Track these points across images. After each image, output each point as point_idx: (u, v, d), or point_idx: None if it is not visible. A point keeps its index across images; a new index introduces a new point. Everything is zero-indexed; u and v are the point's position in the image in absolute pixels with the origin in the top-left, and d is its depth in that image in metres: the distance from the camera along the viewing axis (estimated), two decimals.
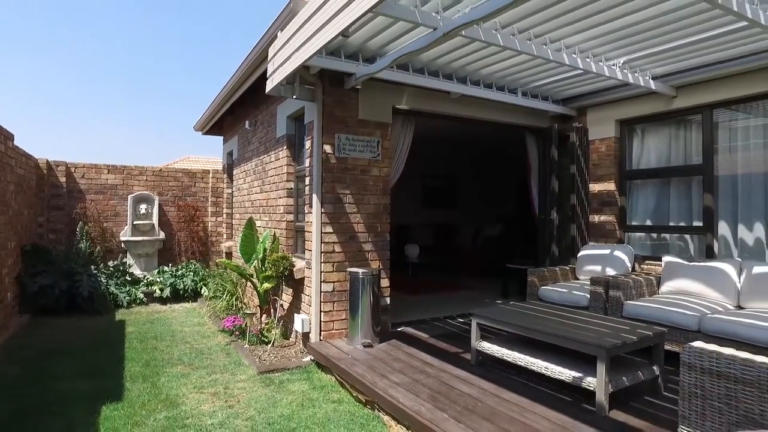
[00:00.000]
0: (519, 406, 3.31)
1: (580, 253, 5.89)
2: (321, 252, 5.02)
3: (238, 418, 3.72)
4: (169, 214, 9.63)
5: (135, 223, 9.08)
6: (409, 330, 5.46)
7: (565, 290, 5.20)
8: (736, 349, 3.83)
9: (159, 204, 9.38)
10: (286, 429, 3.51)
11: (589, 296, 4.90)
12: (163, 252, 9.44)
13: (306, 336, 5.18)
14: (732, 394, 2.13)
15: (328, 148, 5.02)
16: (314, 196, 5.04)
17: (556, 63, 4.50)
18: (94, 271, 8.00)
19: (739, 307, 4.34)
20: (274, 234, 6.30)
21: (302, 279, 5.42)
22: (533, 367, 3.61)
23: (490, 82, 5.73)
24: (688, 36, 4.24)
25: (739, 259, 4.65)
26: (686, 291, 4.69)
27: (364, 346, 4.78)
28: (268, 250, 6.00)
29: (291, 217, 6.08)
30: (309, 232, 5.17)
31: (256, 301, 6.15)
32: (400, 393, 3.55)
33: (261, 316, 6.21)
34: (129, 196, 9.11)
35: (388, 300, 5.39)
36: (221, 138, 10.39)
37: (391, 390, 3.61)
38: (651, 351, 3.60)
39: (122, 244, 9.04)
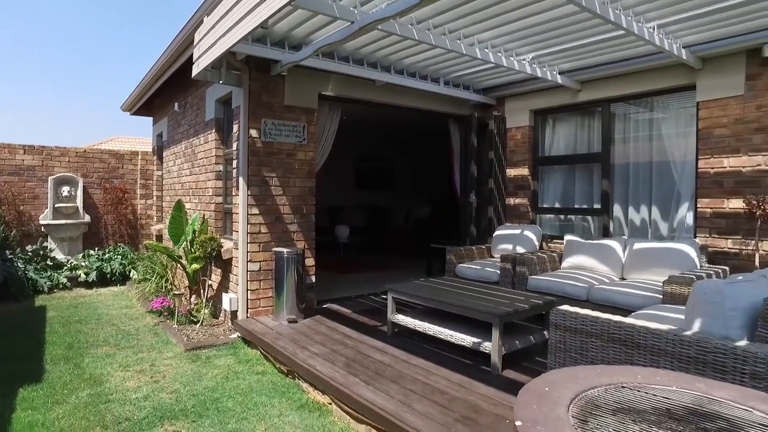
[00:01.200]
0: (425, 369, 3.67)
1: (495, 233, 6.36)
2: (247, 233, 5.17)
3: (163, 391, 3.87)
4: (95, 197, 9.36)
5: (57, 206, 8.76)
6: (334, 306, 5.75)
7: (478, 267, 5.65)
8: (613, 312, 4.42)
9: (83, 186, 9.09)
10: (210, 399, 3.71)
11: (499, 272, 5.36)
12: (89, 236, 9.18)
13: (234, 314, 5.35)
14: (584, 345, 2.55)
15: (254, 133, 5.16)
16: (240, 179, 5.17)
17: (470, 57, 4.84)
18: (10, 256, 7.72)
19: (623, 279, 4.92)
20: (203, 216, 6.37)
21: (230, 259, 5.56)
22: (440, 336, 3.99)
23: (413, 71, 6.03)
24: (586, 37, 4.69)
25: (625, 237, 5.25)
26: (582, 266, 5.24)
27: (289, 322, 5.01)
28: (196, 232, 6.08)
29: (220, 199, 6.16)
30: (236, 213, 5.31)
31: (186, 282, 6.22)
32: (318, 362, 3.83)
33: (190, 297, 6.29)
34: (49, 178, 8.77)
35: (313, 278, 5.64)
36: (151, 119, 10.15)
37: (310, 360, 3.88)
38: (544, 318, 4.06)
39: (42, 228, 8.72)
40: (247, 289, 5.22)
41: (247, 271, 5.20)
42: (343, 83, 5.77)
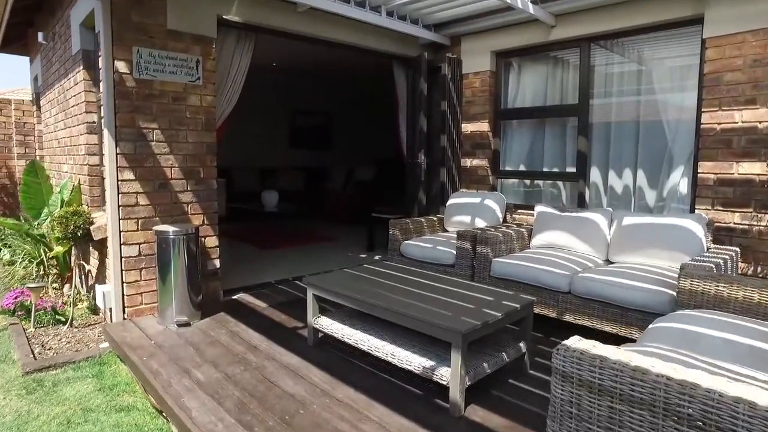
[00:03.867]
0: (353, 409, 2.53)
1: (449, 202, 5.24)
2: (119, 206, 3.78)
3: None
4: None
5: None
6: (246, 298, 4.49)
7: (429, 245, 4.52)
8: (603, 309, 3.44)
9: None
10: None
11: (455, 252, 4.26)
12: None
13: (112, 313, 4.00)
14: (619, 418, 1.46)
15: (122, 66, 3.69)
16: (106, 132, 3.73)
17: None
18: None
19: (608, 262, 3.93)
20: (78, 182, 4.86)
21: (105, 240, 4.15)
22: (377, 353, 2.84)
23: None
24: None
25: (610, 209, 4.23)
26: (557, 244, 4.21)
27: (179, 326, 3.74)
28: (64, 203, 4.60)
29: (95, 159, 4.65)
30: (104, 178, 3.89)
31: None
32: (198, 401, 2.60)
33: (63, 287, 4.86)
34: None
35: (217, 263, 4.34)
36: (28, 59, 8.21)
37: (187, 396, 2.65)
38: (518, 323, 2.99)
39: None
40: (122, 281, 3.87)
41: (121, 257, 3.83)
42: (254, 5, 4.34)
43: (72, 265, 4.92)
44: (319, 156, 11.38)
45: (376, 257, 6.23)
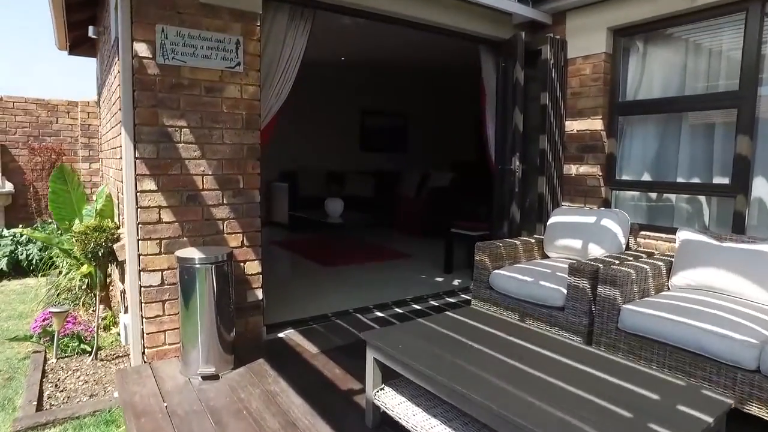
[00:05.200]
0: None
1: (552, 220, 4.11)
2: (137, 222, 3.04)
3: None
4: (20, 160, 7.32)
5: None
6: (295, 337, 3.62)
7: (529, 279, 3.44)
8: None
9: (0, 146, 7.05)
10: None
11: (565, 292, 3.17)
12: (13, 209, 7.21)
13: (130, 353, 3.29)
14: None
15: (143, 50, 2.94)
16: (123, 132, 3.00)
17: None
18: None
19: None
20: (117, 190, 4.26)
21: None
22: None
23: None
24: None
25: None
26: (715, 287, 2.99)
27: (204, 378, 2.93)
28: (97, 215, 4.00)
29: None
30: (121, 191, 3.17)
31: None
32: None
33: (99, 309, 4.26)
34: None
35: (259, 293, 3.51)
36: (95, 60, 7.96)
37: None
38: None
39: None
40: (142, 316, 3.13)
41: (140, 286, 3.09)
42: None
43: (108, 283, 4.32)
44: (391, 158, 10.49)
45: (456, 282, 5.20)
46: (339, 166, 9.64)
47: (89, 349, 3.77)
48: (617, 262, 3.18)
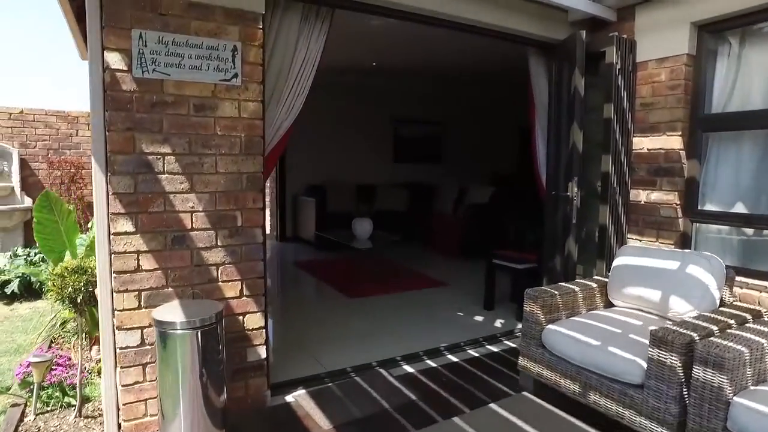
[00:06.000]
0: None
1: (618, 261, 3.36)
2: (111, 271, 2.50)
3: None
4: (39, 174, 7.05)
5: None
6: (304, 403, 2.99)
7: (594, 342, 2.72)
8: None
9: (20, 159, 6.79)
10: None
11: (645, 367, 2.44)
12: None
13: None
14: None
15: (115, 61, 2.39)
16: (93, 161, 2.47)
17: None
18: None
19: None
20: None
21: None
22: None
23: None
24: None
25: None
26: None
27: None
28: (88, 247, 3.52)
29: None
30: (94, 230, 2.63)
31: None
32: None
33: (81, 357, 3.78)
34: None
35: (262, 351, 2.91)
36: None
37: None
38: None
39: None
40: (117, 383, 2.58)
41: (115, 348, 2.55)
42: None
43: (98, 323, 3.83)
44: (426, 169, 9.82)
45: (498, 324, 4.49)
46: (370, 178, 9.04)
47: (75, 402, 3.28)
48: (716, 329, 2.43)
